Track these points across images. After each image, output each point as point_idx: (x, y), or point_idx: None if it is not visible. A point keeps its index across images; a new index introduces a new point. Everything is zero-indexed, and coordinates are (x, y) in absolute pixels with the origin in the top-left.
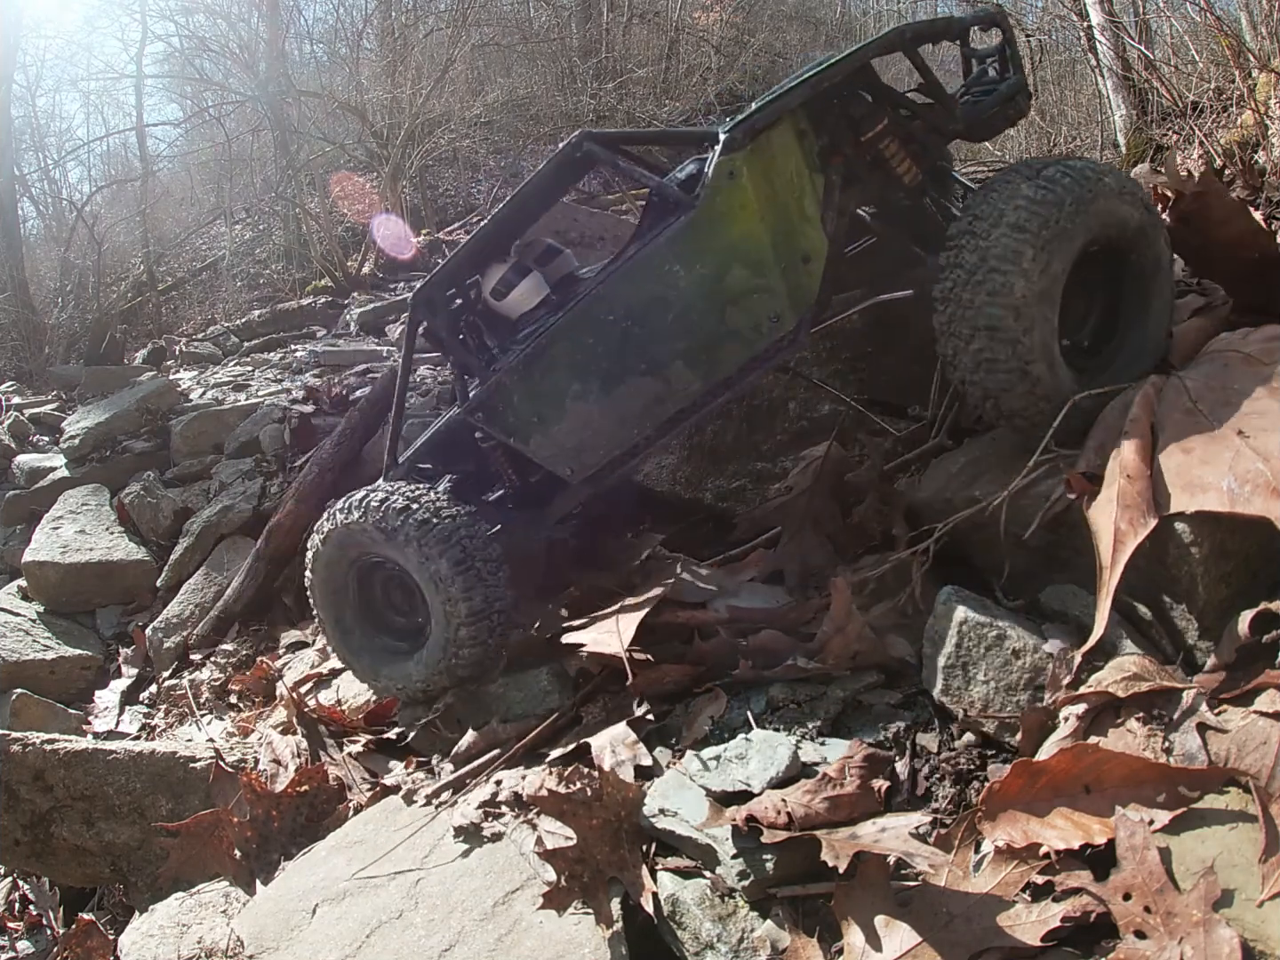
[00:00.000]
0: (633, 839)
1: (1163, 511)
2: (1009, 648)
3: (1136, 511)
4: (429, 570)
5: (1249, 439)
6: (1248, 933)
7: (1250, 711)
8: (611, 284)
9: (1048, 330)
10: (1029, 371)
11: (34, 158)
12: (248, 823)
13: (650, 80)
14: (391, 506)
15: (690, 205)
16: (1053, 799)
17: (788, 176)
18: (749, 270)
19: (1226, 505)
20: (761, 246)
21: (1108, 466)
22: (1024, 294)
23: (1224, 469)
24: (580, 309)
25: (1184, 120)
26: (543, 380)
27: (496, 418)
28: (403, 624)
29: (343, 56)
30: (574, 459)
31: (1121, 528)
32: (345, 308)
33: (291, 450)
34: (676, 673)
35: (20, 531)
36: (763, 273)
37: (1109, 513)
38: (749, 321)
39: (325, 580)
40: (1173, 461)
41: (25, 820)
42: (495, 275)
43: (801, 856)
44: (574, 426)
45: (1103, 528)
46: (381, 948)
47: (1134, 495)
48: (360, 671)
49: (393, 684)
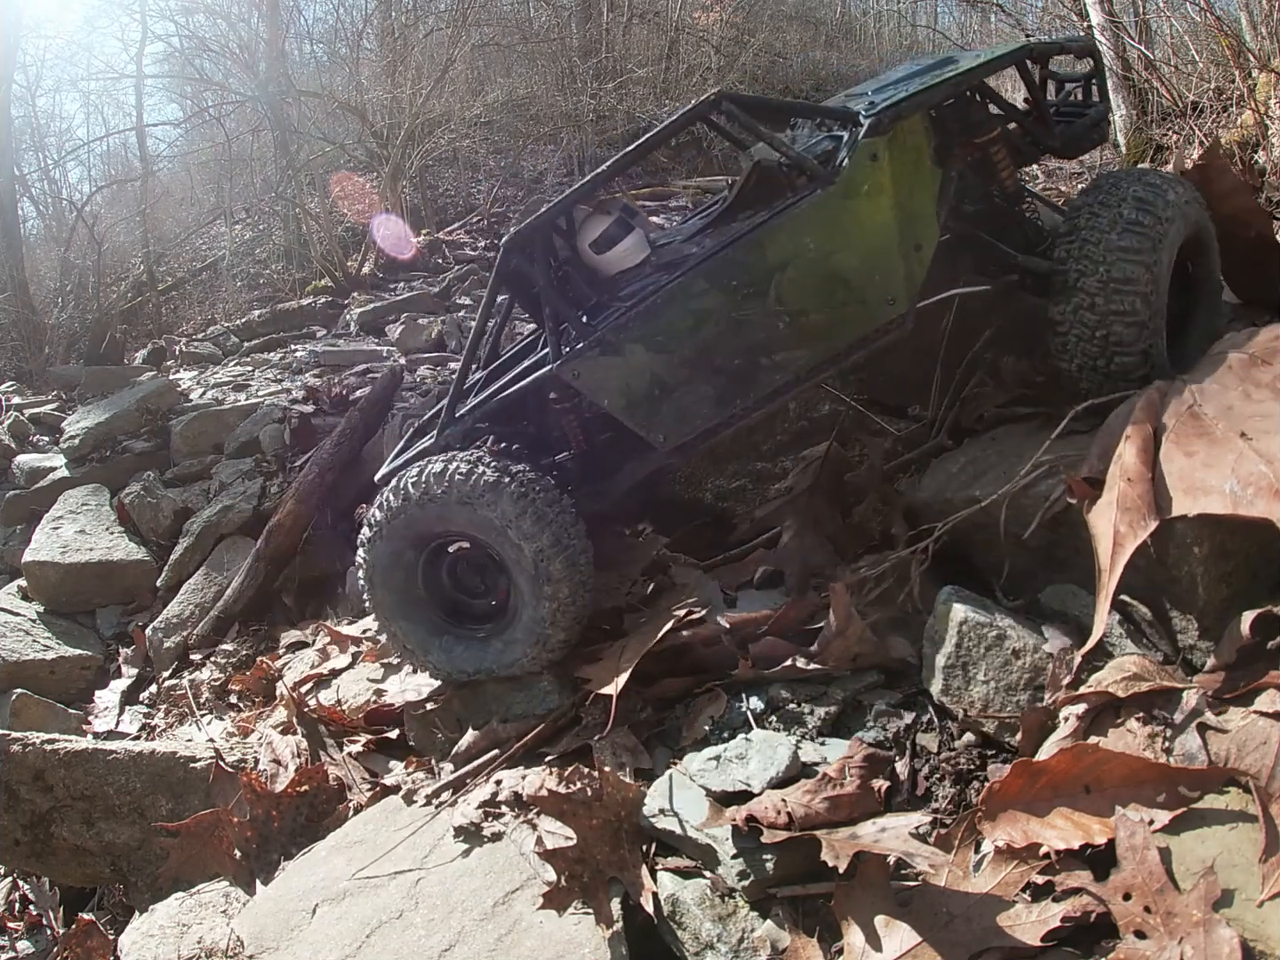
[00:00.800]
0: (633, 839)
1: (1164, 514)
2: (1009, 648)
3: (1136, 514)
4: (530, 548)
5: (1252, 441)
6: (1248, 933)
7: (1250, 711)
8: (737, 249)
9: (1161, 317)
10: (1150, 353)
11: (34, 158)
12: (248, 823)
13: (650, 80)
14: (482, 479)
15: (829, 180)
16: (1053, 799)
17: (915, 167)
18: (874, 251)
19: (1229, 508)
20: (889, 230)
21: (1109, 472)
22: (1149, 284)
23: (1226, 471)
24: (700, 271)
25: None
26: (652, 342)
27: (594, 377)
28: (474, 606)
29: (343, 56)
30: (670, 426)
31: (1121, 530)
32: (345, 308)
33: (291, 450)
34: (677, 685)
35: (20, 531)
36: (886, 255)
37: (1108, 516)
38: (866, 301)
39: (389, 562)
40: (1175, 465)
41: (25, 820)
42: (595, 227)
43: (801, 856)
44: (676, 392)
45: (1102, 531)
46: (381, 948)
47: (1134, 498)
48: (427, 661)
49: (466, 671)
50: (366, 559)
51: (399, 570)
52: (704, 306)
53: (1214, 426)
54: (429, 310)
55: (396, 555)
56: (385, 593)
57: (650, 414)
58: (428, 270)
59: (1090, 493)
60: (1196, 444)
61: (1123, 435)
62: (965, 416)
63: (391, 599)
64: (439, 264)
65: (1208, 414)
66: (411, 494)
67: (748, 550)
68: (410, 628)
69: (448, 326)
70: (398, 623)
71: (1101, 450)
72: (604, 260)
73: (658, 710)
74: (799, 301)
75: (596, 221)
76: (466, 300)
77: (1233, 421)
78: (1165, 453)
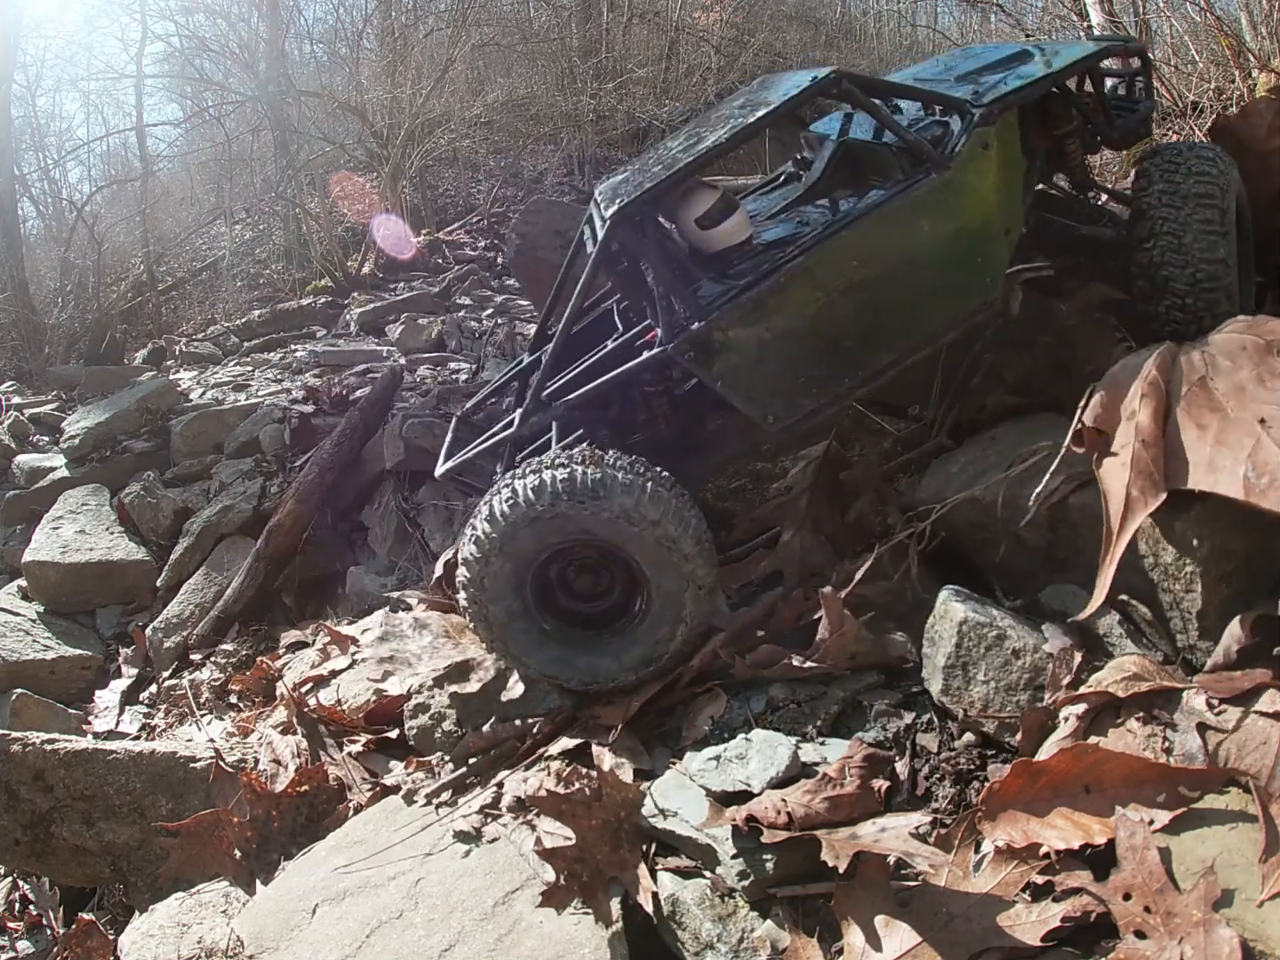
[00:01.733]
0: (632, 839)
1: (1175, 484)
2: (1009, 648)
3: (1149, 480)
4: (674, 551)
5: (1271, 430)
6: (1248, 933)
7: (1250, 711)
8: (855, 229)
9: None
10: (1231, 290)
11: (34, 158)
12: (248, 823)
13: (650, 80)
14: (616, 482)
15: (945, 165)
16: (1053, 799)
17: (1012, 156)
18: (977, 235)
19: (1242, 493)
20: (991, 215)
21: (1121, 427)
22: (1224, 226)
23: (1242, 455)
24: (820, 251)
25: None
26: (771, 322)
27: (708, 358)
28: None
29: (343, 56)
30: (779, 406)
31: (1133, 494)
32: (345, 308)
33: (291, 450)
34: (678, 697)
35: (20, 531)
36: (987, 239)
37: (1121, 477)
38: (967, 282)
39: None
40: (1187, 434)
41: (25, 820)
42: (702, 202)
43: (801, 856)
44: (790, 372)
45: (1114, 491)
46: (381, 948)
47: (1148, 462)
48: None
49: (584, 678)
50: (477, 575)
51: (516, 577)
52: (822, 286)
53: (1226, 403)
54: (429, 310)
55: (517, 561)
56: (499, 608)
57: (761, 394)
58: (428, 270)
59: (1100, 443)
60: (1209, 418)
61: (1135, 391)
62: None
63: (505, 613)
64: (439, 264)
65: (1219, 389)
66: (534, 502)
67: (747, 550)
68: (525, 641)
69: (448, 326)
70: (514, 638)
71: (1106, 399)
72: (708, 237)
73: (658, 710)
74: (909, 281)
75: (703, 196)
76: (466, 300)
77: (1245, 403)
78: (1178, 419)
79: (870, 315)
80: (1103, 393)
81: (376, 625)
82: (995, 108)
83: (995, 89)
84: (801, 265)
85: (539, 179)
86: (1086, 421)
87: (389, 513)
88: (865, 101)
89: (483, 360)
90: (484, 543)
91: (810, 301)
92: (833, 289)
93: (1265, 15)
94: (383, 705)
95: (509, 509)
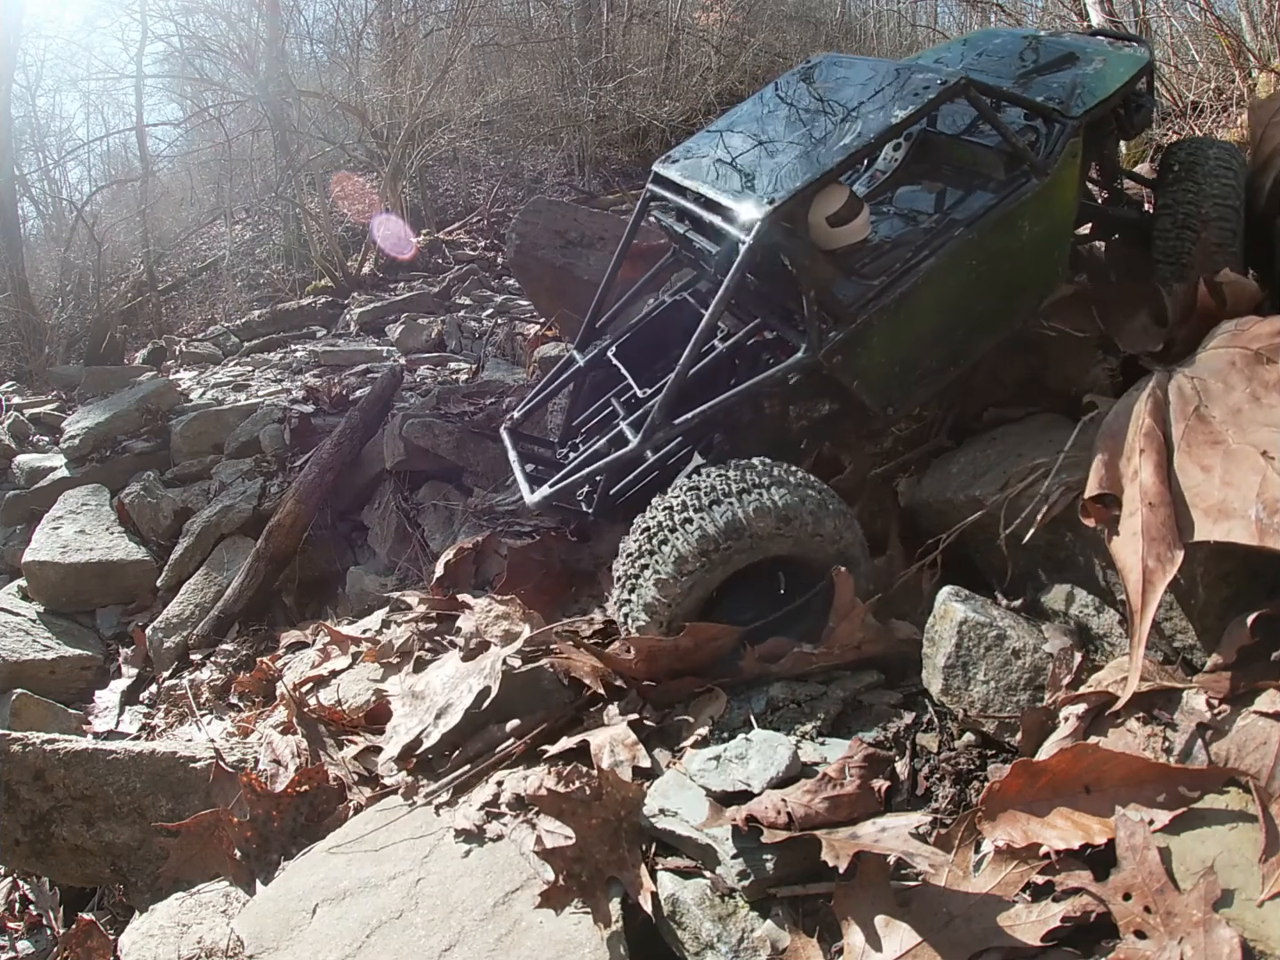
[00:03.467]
0: (632, 839)
1: (1185, 538)
2: (1009, 648)
3: (1163, 545)
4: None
5: (1275, 461)
6: (1248, 933)
7: (1250, 711)
8: (976, 231)
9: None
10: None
11: (34, 158)
12: (248, 823)
13: (650, 80)
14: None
15: (1045, 172)
16: (1053, 799)
17: (1084, 158)
18: (1060, 232)
19: (1255, 538)
20: (1070, 213)
21: (1126, 492)
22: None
23: (1250, 495)
24: (948, 251)
25: (1184, 120)
26: (903, 320)
27: (850, 361)
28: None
29: (343, 56)
30: (900, 398)
31: (1150, 565)
32: (345, 308)
33: (291, 450)
34: (683, 686)
35: (20, 531)
36: (1065, 234)
37: (1135, 548)
38: (1048, 272)
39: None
40: (1191, 479)
41: (25, 820)
42: (835, 200)
43: (801, 856)
44: (911, 365)
45: (1130, 565)
46: (381, 948)
47: (1158, 526)
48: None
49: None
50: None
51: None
52: (948, 285)
53: (1225, 433)
54: (429, 310)
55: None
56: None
57: (887, 388)
58: (428, 270)
59: (1108, 517)
60: (1211, 455)
61: (1133, 446)
62: (965, 416)
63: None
64: (439, 264)
65: (1215, 417)
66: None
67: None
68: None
69: (448, 326)
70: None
71: (1106, 460)
72: (833, 235)
73: (658, 710)
74: (1006, 276)
75: (835, 194)
76: (466, 300)
77: (1244, 428)
78: (1179, 465)
79: (977, 308)
80: (1101, 454)
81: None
82: (1083, 120)
83: (1080, 100)
84: (935, 265)
85: (539, 179)
86: (1089, 493)
87: (389, 513)
88: (984, 107)
89: (483, 360)
90: (671, 584)
91: (938, 299)
92: (955, 286)
93: (1265, 15)
94: (383, 705)
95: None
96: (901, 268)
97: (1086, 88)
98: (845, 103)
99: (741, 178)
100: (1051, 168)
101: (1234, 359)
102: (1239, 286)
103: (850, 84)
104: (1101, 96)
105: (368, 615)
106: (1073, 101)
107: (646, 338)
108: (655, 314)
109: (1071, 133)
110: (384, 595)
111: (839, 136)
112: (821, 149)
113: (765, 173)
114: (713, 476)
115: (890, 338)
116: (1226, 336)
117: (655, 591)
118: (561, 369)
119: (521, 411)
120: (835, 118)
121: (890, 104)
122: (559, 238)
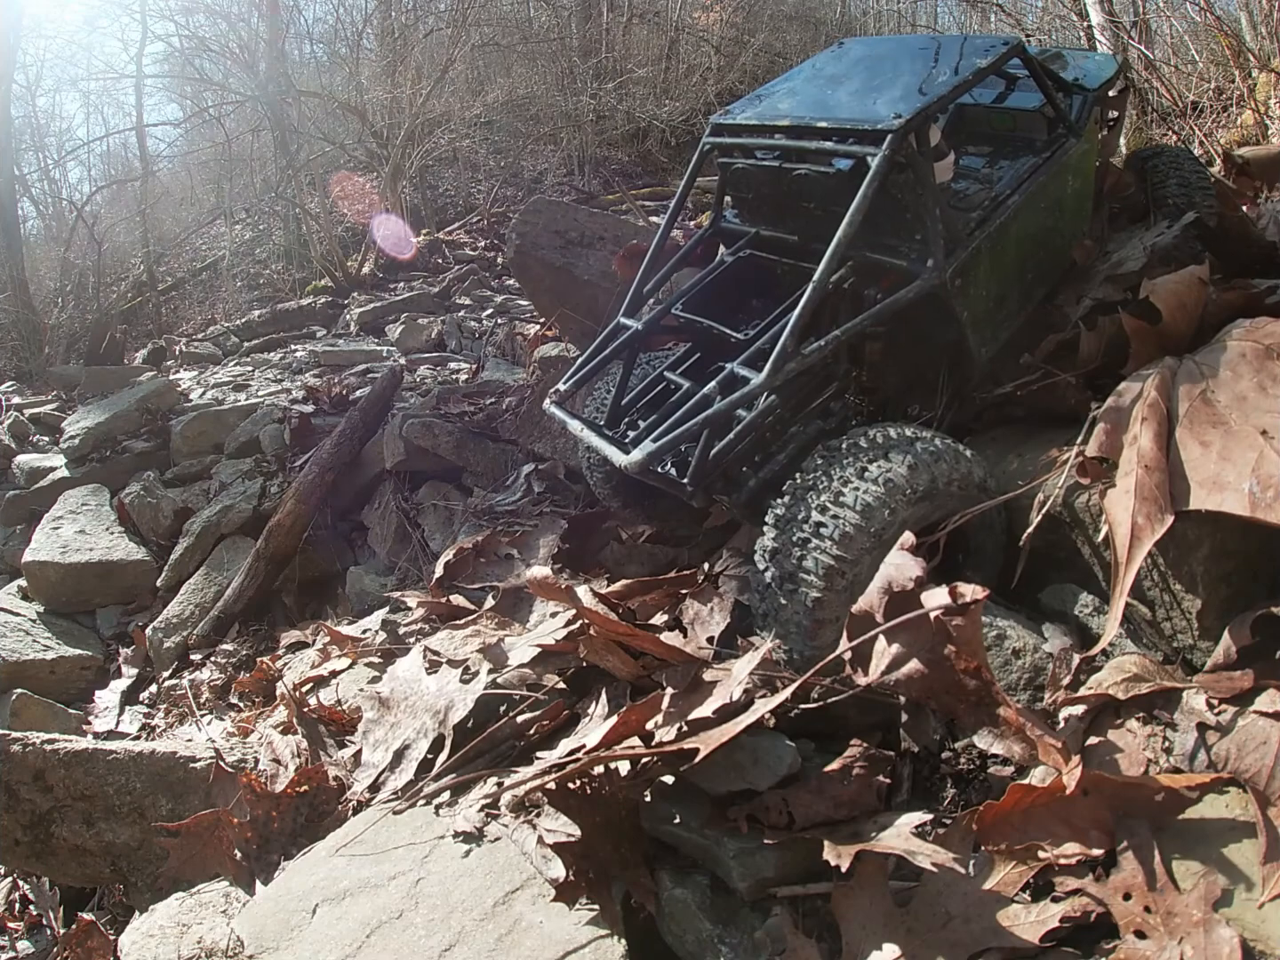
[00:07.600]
0: (633, 838)
1: (1179, 506)
2: (1009, 648)
3: (1154, 506)
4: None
5: (1273, 440)
6: (1248, 933)
7: (1250, 711)
8: (1043, 177)
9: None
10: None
11: (34, 158)
12: (248, 823)
13: (650, 80)
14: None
15: (1079, 134)
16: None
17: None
18: (1087, 189)
19: (1247, 509)
20: (1092, 173)
21: (1124, 454)
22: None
23: (1246, 470)
24: (1027, 192)
25: (1184, 120)
26: (1000, 255)
27: (964, 289)
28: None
29: (343, 56)
30: (990, 338)
31: (1139, 522)
32: (345, 308)
33: (291, 450)
34: None
35: (20, 531)
36: (1089, 195)
37: (1126, 505)
38: (1080, 223)
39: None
40: (1190, 453)
41: (25, 820)
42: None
43: (802, 856)
44: (997, 303)
45: (1119, 520)
46: (381, 948)
47: (1152, 488)
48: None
49: None
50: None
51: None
52: (1025, 225)
53: (1228, 416)
54: (429, 310)
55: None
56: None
57: (985, 324)
58: (428, 270)
59: (1103, 474)
60: (1211, 434)
61: (1136, 415)
62: (965, 416)
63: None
64: (439, 264)
65: (1220, 401)
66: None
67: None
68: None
69: (448, 326)
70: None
71: (1109, 427)
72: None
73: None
74: (1057, 224)
75: (932, 130)
76: (466, 300)
77: (1247, 413)
78: (1180, 439)
79: (1040, 251)
80: (1105, 421)
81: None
82: (1102, 91)
83: (1091, 79)
84: (1018, 204)
85: (539, 179)
86: (1090, 452)
87: (389, 513)
88: (1035, 72)
89: (483, 360)
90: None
91: (1019, 236)
92: (1031, 225)
93: (1265, 15)
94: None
95: (887, 496)
96: (993, 203)
97: (1090, 72)
98: (914, 59)
99: (849, 107)
100: (1083, 131)
101: (1245, 351)
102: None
103: (906, 49)
104: (1105, 78)
105: (368, 615)
106: (1086, 79)
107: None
108: (718, 272)
109: (1094, 102)
110: (384, 595)
111: (934, 77)
112: (923, 84)
113: (875, 102)
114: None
115: (990, 269)
116: (1241, 332)
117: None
118: (612, 334)
119: (569, 383)
120: (916, 66)
121: (964, 58)
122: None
